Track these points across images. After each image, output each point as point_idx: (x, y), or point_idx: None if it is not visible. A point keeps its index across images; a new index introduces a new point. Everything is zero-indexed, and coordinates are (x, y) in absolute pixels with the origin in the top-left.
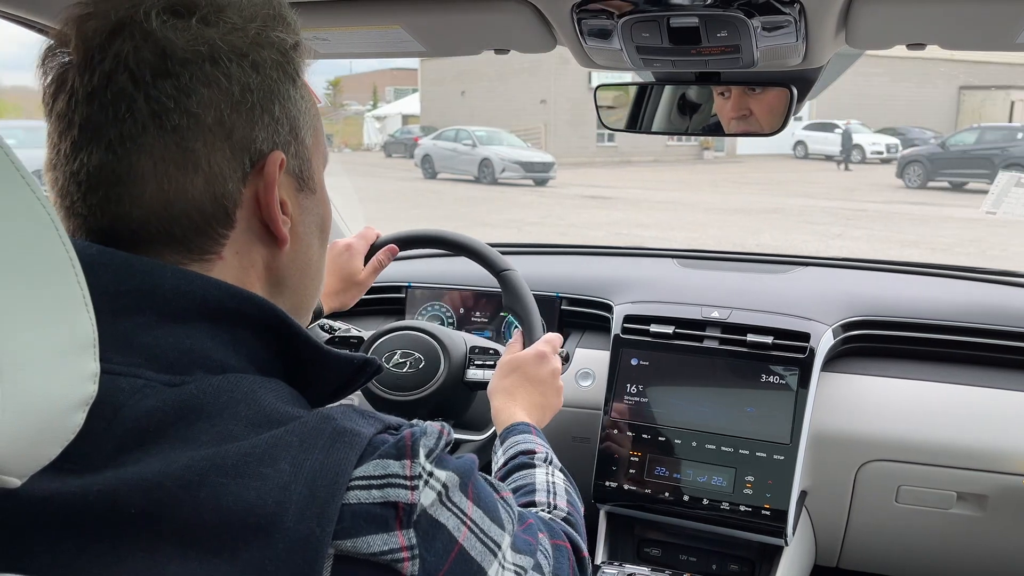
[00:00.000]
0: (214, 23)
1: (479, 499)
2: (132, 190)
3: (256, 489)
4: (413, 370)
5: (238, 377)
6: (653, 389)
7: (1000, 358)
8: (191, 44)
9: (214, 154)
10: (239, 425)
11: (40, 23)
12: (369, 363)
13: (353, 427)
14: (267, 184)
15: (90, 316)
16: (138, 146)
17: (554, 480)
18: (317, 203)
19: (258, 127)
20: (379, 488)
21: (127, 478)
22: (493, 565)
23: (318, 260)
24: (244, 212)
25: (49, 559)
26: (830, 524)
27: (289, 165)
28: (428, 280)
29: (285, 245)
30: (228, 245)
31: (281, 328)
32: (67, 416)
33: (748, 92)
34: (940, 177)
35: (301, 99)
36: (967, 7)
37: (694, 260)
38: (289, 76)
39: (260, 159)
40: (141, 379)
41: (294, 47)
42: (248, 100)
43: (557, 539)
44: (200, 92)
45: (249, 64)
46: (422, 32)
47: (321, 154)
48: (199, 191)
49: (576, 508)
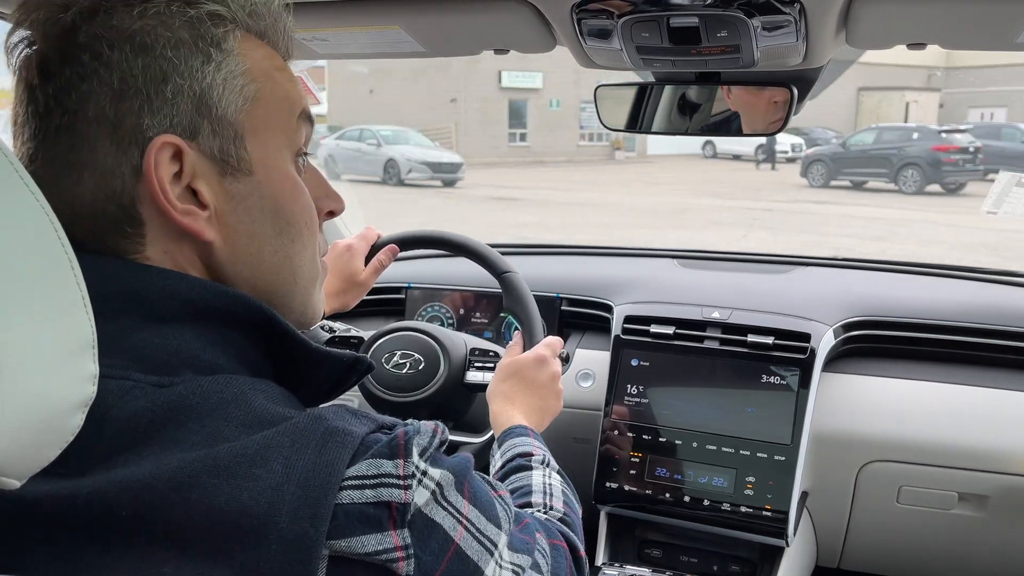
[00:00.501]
0: (100, 10)
1: (475, 498)
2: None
3: (249, 490)
4: (413, 371)
5: (228, 378)
6: (653, 390)
7: (1001, 358)
8: (71, 40)
9: (98, 150)
10: (230, 426)
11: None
12: (360, 361)
13: (345, 427)
14: (144, 173)
15: (89, 317)
16: (31, 151)
17: (551, 482)
18: (259, 186)
19: (146, 113)
20: (372, 488)
21: (118, 480)
22: (490, 564)
23: (277, 254)
24: (148, 208)
25: (41, 562)
26: (831, 525)
27: (203, 147)
28: (428, 281)
29: (203, 238)
30: (149, 244)
31: (269, 327)
32: (67, 417)
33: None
34: (842, 176)
35: (217, 71)
36: (967, 7)
37: (694, 260)
38: (199, 50)
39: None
40: (130, 381)
41: (212, 17)
42: (131, 86)
43: (554, 539)
44: (80, 87)
45: (134, 47)
46: (421, 32)
47: (276, 128)
48: (90, 191)
49: (573, 509)
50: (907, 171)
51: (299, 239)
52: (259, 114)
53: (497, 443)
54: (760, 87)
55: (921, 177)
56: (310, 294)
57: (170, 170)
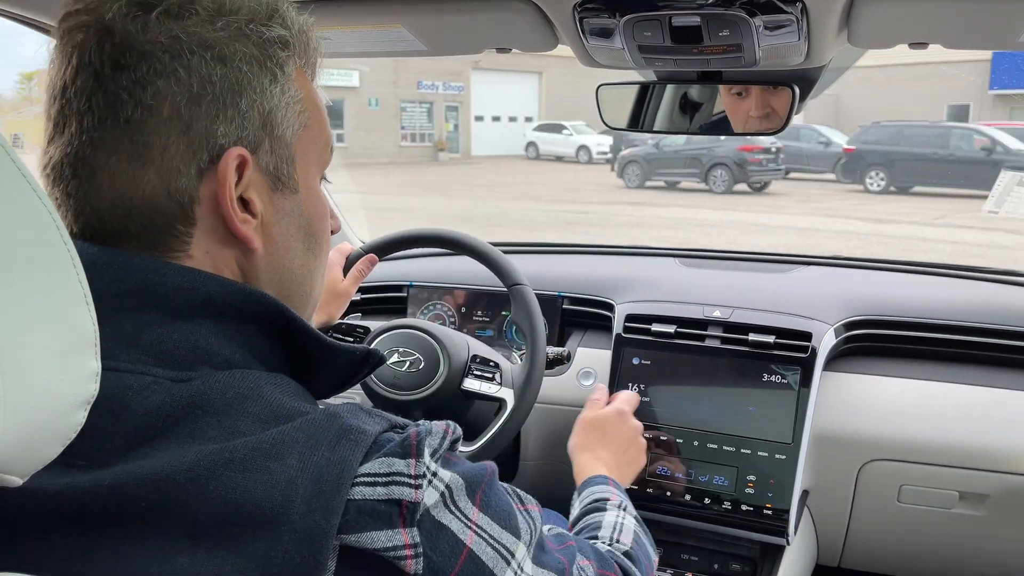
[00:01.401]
0: (179, 15)
1: (488, 506)
2: (87, 184)
3: (264, 483)
4: (412, 370)
5: (244, 373)
6: (655, 389)
7: (1002, 357)
8: (152, 37)
9: (168, 148)
10: (246, 421)
11: (43, 22)
12: (372, 355)
13: (359, 425)
14: (220, 181)
15: (91, 314)
16: (93, 139)
17: (622, 522)
18: (300, 204)
19: (219, 121)
20: (384, 485)
21: (137, 472)
22: (507, 573)
23: (303, 265)
24: (204, 210)
25: (60, 553)
26: (832, 523)
27: (261, 162)
28: (430, 279)
29: (252, 246)
30: (194, 243)
31: (285, 323)
32: (68, 415)
33: (769, 90)
34: (656, 176)
35: (282, 94)
36: (969, 6)
37: (696, 259)
38: (268, 70)
39: (220, 155)
40: (149, 376)
41: (279, 41)
42: (208, 93)
43: (607, 570)
44: (156, 84)
45: (214, 56)
46: (423, 31)
47: (314, 155)
48: (152, 186)
49: (642, 548)
50: (716, 171)
51: (320, 255)
52: (306, 139)
53: (577, 492)
54: (746, 93)
55: (729, 177)
56: (314, 307)
57: (234, 178)
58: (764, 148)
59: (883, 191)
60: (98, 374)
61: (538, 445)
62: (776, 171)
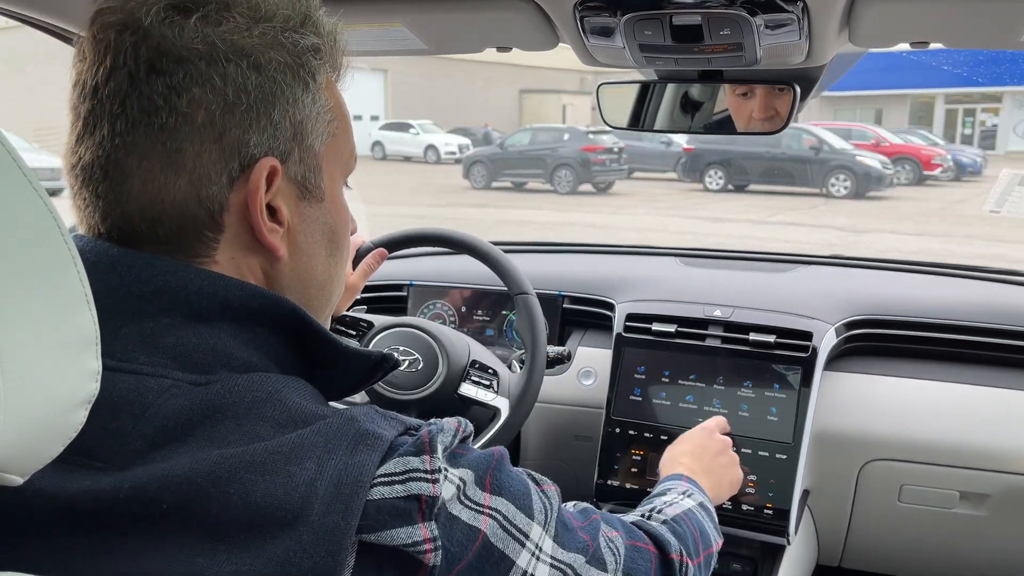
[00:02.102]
0: (216, 21)
1: (500, 488)
2: (118, 187)
3: (284, 486)
4: (411, 370)
5: (262, 376)
6: (655, 388)
7: (1003, 357)
8: (188, 42)
9: (201, 156)
10: (265, 426)
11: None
12: (386, 359)
13: (375, 430)
14: (251, 191)
15: (92, 314)
16: (126, 143)
17: (676, 500)
18: (324, 213)
19: (252, 130)
20: (402, 483)
21: (158, 475)
22: (522, 555)
23: (325, 272)
24: (233, 217)
25: (80, 556)
26: (833, 523)
27: (289, 172)
28: (430, 278)
29: (278, 254)
30: (221, 250)
31: (301, 327)
32: (69, 414)
33: (774, 92)
34: (503, 177)
35: (313, 103)
36: (970, 5)
37: (696, 259)
38: (300, 79)
39: (251, 164)
40: (168, 379)
41: (312, 49)
42: (243, 102)
43: (637, 540)
44: (192, 91)
45: (249, 64)
46: (423, 30)
47: (339, 163)
48: (183, 192)
49: (693, 524)
50: (560, 171)
51: (342, 261)
52: (333, 148)
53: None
54: (751, 94)
55: (574, 177)
56: (332, 311)
57: (264, 188)
58: (607, 148)
59: (721, 189)
60: (99, 373)
61: (538, 445)
62: (619, 171)
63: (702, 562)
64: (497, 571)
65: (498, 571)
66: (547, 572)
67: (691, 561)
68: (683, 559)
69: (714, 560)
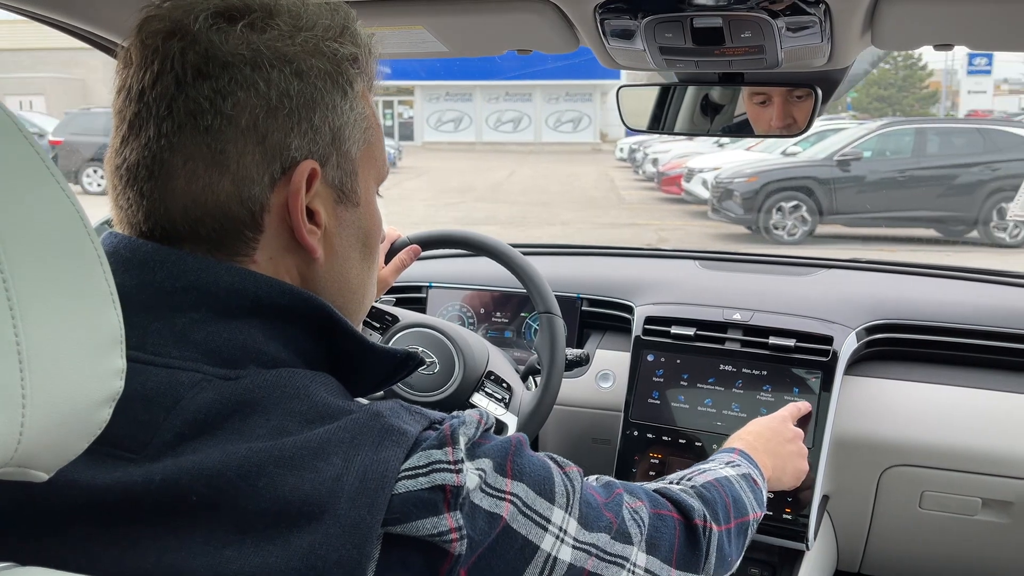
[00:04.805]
0: (261, 29)
1: (521, 472)
2: (162, 186)
3: (311, 480)
4: (426, 372)
5: (290, 372)
6: (674, 391)
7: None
8: (234, 48)
9: (244, 157)
10: (293, 420)
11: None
12: (411, 358)
13: (400, 425)
14: (292, 192)
15: (117, 312)
16: (172, 144)
17: (712, 467)
18: (359, 217)
19: (294, 134)
20: (426, 475)
21: (188, 467)
22: (545, 539)
23: (359, 275)
24: (273, 218)
25: (109, 546)
26: (852, 529)
27: (327, 176)
28: (449, 280)
29: (315, 255)
30: (260, 249)
31: (330, 324)
32: (93, 412)
33: (792, 100)
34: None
35: (350, 111)
36: (993, 7)
37: (715, 262)
38: (339, 87)
39: (292, 166)
40: (199, 373)
41: (350, 59)
42: (285, 106)
43: (660, 508)
44: (236, 95)
45: (292, 71)
46: (444, 33)
47: (374, 169)
48: (226, 192)
49: (726, 492)
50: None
51: (374, 264)
52: (368, 155)
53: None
54: (769, 102)
55: None
56: (365, 313)
57: (304, 189)
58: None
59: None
60: (123, 372)
61: (556, 447)
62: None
63: (732, 529)
64: (521, 556)
65: (522, 556)
66: (571, 554)
67: (717, 527)
68: (707, 524)
69: (751, 529)
